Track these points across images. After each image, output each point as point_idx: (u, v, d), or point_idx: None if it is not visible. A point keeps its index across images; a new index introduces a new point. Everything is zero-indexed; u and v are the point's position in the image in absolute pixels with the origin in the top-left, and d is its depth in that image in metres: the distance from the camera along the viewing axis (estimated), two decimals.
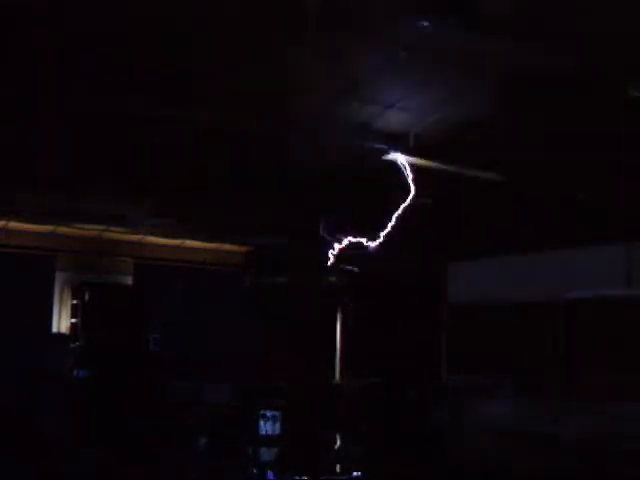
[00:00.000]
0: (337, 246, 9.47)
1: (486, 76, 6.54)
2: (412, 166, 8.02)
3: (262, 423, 10.31)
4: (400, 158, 7.97)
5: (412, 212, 8.54)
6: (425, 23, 5.37)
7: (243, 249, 13.40)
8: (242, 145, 8.04)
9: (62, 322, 12.08)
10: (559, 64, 5.96)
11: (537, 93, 6.77)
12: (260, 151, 8.21)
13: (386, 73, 6.52)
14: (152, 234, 12.28)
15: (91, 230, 11.74)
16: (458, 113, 7.35)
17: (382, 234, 8.81)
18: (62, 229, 11.69)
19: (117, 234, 12.14)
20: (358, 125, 7.65)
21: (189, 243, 13.08)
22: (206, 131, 7.59)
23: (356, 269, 11.12)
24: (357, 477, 8.55)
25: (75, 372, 11.28)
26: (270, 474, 8.68)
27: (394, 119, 7.56)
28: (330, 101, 7.10)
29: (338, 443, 9.73)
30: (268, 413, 10.38)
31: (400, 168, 8.05)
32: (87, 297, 11.78)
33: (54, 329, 11.99)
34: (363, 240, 9.19)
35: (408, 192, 8.17)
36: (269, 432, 10.20)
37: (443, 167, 8.09)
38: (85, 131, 7.56)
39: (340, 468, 8.85)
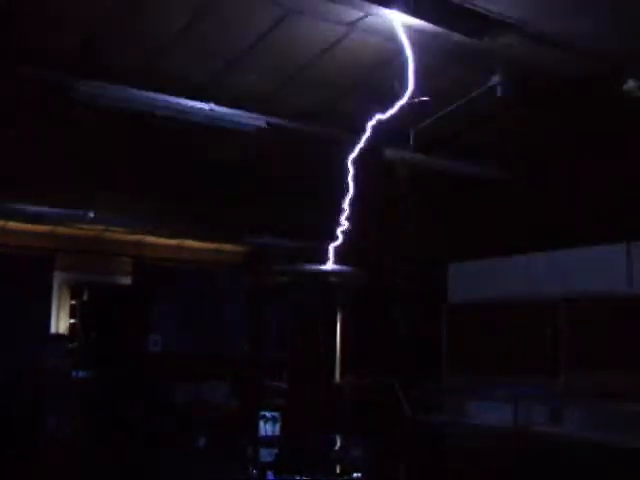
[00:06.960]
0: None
1: None
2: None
3: (262, 424, 10.28)
4: None
5: (411, 213, 8.52)
6: None
7: (243, 249, 13.37)
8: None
9: (61, 322, 12.05)
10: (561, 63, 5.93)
11: (537, 91, 6.76)
12: None
13: None
14: (152, 234, 12.25)
15: (91, 230, 11.71)
16: None
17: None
18: (62, 229, 11.65)
19: (117, 234, 12.11)
20: None
21: (189, 243, 13.05)
22: None
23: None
24: (357, 478, 8.52)
25: (74, 373, 11.25)
26: (270, 474, 8.64)
27: None
28: None
29: (338, 444, 9.68)
30: (268, 414, 10.35)
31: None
32: (86, 297, 11.75)
33: (53, 329, 11.96)
34: None
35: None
36: (269, 433, 10.18)
37: (442, 165, 8.06)
38: None
39: (340, 469, 8.80)
